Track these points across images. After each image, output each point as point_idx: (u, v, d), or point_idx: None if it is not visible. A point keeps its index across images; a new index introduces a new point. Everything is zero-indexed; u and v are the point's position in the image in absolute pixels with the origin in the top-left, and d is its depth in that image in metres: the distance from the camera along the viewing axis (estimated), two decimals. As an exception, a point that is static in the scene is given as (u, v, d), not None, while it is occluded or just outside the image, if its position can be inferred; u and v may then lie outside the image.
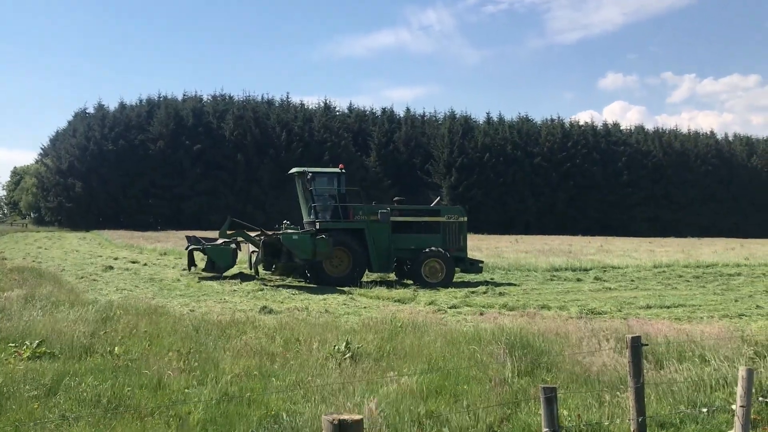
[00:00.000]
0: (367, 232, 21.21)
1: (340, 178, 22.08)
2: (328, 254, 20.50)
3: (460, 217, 22.43)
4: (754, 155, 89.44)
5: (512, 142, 77.79)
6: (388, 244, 21.37)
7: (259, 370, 7.80)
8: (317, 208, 21.74)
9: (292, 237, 20.33)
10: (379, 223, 21.38)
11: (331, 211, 21.79)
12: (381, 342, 9.26)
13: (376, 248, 21.21)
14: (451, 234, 22.04)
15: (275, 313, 13.18)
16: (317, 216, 21.68)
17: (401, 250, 21.54)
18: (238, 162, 68.34)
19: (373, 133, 77.25)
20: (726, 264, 28.38)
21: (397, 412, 6.31)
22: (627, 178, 78.34)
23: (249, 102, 77.81)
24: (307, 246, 19.89)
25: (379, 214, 21.48)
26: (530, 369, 8.24)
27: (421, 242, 21.46)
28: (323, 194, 22.11)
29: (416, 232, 21.85)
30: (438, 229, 21.96)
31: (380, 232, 21.36)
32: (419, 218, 22.40)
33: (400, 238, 21.59)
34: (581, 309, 15.14)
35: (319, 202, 21.87)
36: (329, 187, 22.18)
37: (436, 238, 21.74)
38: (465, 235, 22.41)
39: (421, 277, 20.86)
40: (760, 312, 15.06)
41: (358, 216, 21.48)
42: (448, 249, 21.54)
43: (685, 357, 8.53)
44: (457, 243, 22.07)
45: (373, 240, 21.21)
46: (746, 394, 4.76)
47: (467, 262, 22.37)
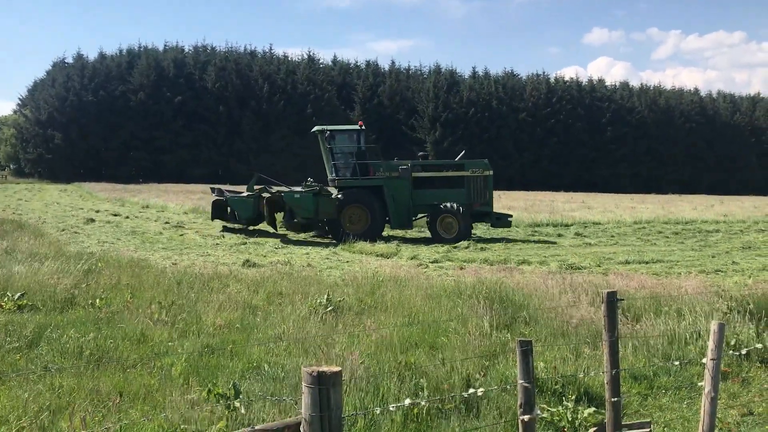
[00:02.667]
0: (386, 188, 21.19)
1: (359, 135, 22.11)
2: (332, 213, 20.65)
3: (485, 171, 21.97)
4: (737, 113, 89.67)
5: (497, 98, 77.35)
6: (409, 200, 21.31)
7: (241, 323, 7.88)
8: (337, 166, 21.83)
9: (294, 196, 20.49)
10: (399, 179, 21.31)
11: (352, 168, 21.81)
12: (362, 296, 9.36)
13: (395, 204, 21.21)
14: (476, 188, 21.71)
15: (258, 266, 13.25)
16: (337, 173, 21.80)
17: (423, 206, 21.48)
18: (220, 114, 67.49)
19: (358, 86, 76.41)
20: (705, 221, 28.77)
21: (377, 363, 6.42)
22: (611, 135, 78.41)
23: (231, 53, 76.43)
24: (309, 205, 20.00)
25: (400, 169, 21.41)
26: (509, 322, 8.38)
27: (444, 197, 21.24)
28: (343, 151, 22.06)
29: (439, 187, 21.63)
30: (462, 184, 21.64)
31: (400, 189, 21.30)
32: (442, 173, 22.11)
33: (423, 193, 21.48)
34: (561, 264, 15.37)
35: (340, 159, 21.91)
36: (349, 144, 22.12)
37: (460, 192, 21.46)
38: (491, 189, 22.06)
39: (436, 232, 20.90)
40: (735, 268, 15.35)
41: (379, 173, 21.45)
42: (472, 204, 21.38)
43: (662, 311, 8.70)
44: (482, 197, 21.76)
45: (392, 196, 21.16)
46: (717, 347, 4.87)
47: (493, 216, 22.16)
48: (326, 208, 20.21)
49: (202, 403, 5.25)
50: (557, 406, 5.75)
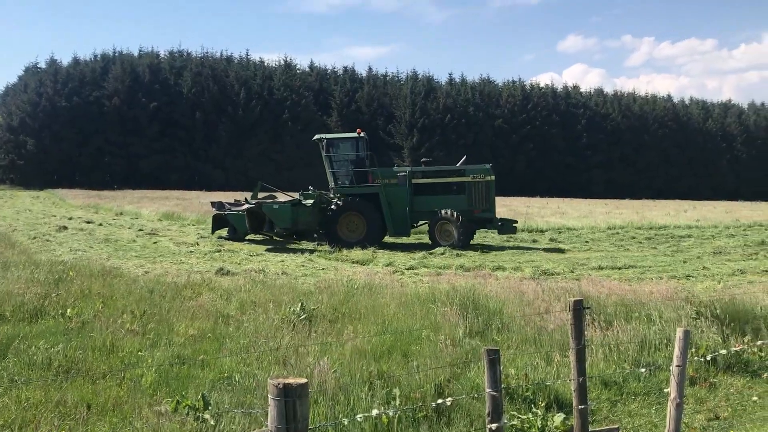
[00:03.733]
0: (382, 196, 21.13)
1: (358, 142, 22.03)
2: (312, 224, 20.86)
3: (486, 176, 21.51)
4: (709, 119, 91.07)
5: (474, 104, 77.81)
6: (408, 207, 21.19)
7: (214, 333, 7.83)
8: (336, 174, 21.92)
9: (272, 207, 20.68)
10: (397, 186, 21.25)
11: (351, 176, 21.82)
12: (336, 304, 9.34)
13: (393, 212, 21.14)
14: (477, 194, 21.33)
15: (232, 274, 13.17)
16: (336, 182, 21.89)
17: (424, 212, 21.34)
18: (196, 120, 67.12)
19: (335, 92, 76.42)
20: (677, 226, 29.14)
21: (349, 372, 6.41)
22: (586, 141, 79.22)
23: (207, 59, 76.11)
24: (287, 215, 20.20)
25: (398, 177, 21.35)
26: (482, 329, 8.42)
27: (445, 204, 21.04)
28: (342, 159, 22.11)
29: (440, 193, 21.47)
30: (463, 190, 21.37)
31: (398, 195, 21.23)
32: (443, 179, 21.81)
33: (423, 200, 21.38)
34: (535, 270, 15.46)
35: (338, 167, 21.96)
36: (348, 152, 22.13)
37: (461, 199, 21.24)
38: (492, 195, 21.57)
39: (435, 239, 20.78)
40: (706, 273, 15.56)
41: (377, 180, 21.39)
42: (472, 210, 21.11)
43: (632, 317, 8.80)
44: (483, 203, 21.36)
45: (389, 203, 21.11)
46: (682, 354, 4.95)
47: (496, 221, 21.70)
48: (305, 219, 20.46)
49: (171, 414, 5.21)
50: (527, 413, 5.79)
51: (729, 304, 8.95)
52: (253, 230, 21.00)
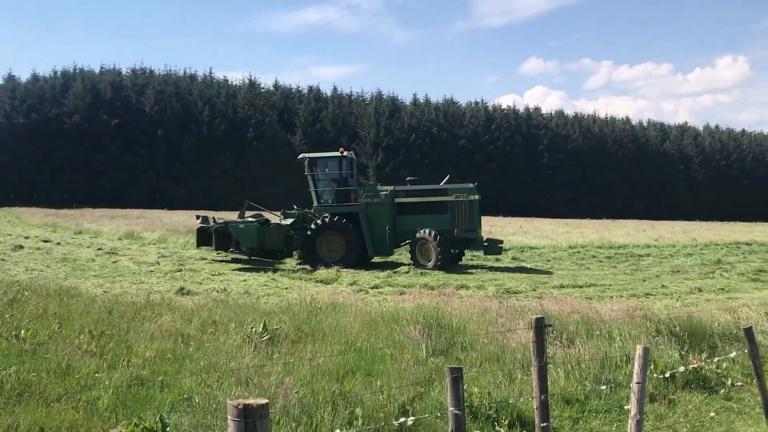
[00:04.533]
0: (362, 215, 20.94)
1: (341, 161, 21.86)
2: (279, 244, 20.69)
3: (470, 195, 21.09)
4: (666, 141, 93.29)
5: (438, 124, 78.52)
6: (390, 226, 20.94)
7: (173, 353, 7.68)
8: (319, 193, 21.83)
9: (238, 226, 20.52)
10: (378, 205, 21.05)
11: (333, 194, 21.68)
12: (300, 323, 9.26)
13: (373, 231, 20.94)
14: (460, 213, 20.90)
15: (193, 294, 12.98)
16: (319, 200, 21.78)
17: (407, 231, 20.96)
18: (159, 138, 66.43)
19: (299, 111, 76.40)
20: (637, 245, 29.64)
21: (312, 392, 6.35)
22: (547, 161, 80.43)
23: (170, 76, 75.53)
24: (252, 235, 20.11)
25: (380, 196, 21.16)
26: (446, 348, 8.42)
27: (427, 223, 20.68)
28: (325, 178, 21.97)
29: (422, 212, 21.13)
30: (445, 209, 21.01)
31: (379, 215, 21.02)
32: (426, 198, 21.46)
33: (406, 219, 21.09)
34: (498, 288, 15.57)
35: (321, 186, 21.85)
36: (330, 171, 21.98)
37: (443, 218, 20.88)
38: (476, 214, 21.06)
39: (416, 259, 20.48)
40: (665, 291, 15.83)
41: (361, 198, 21.22)
42: (455, 229, 20.71)
43: (594, 335, 8.89)
44: (466, 223, 20.87)
45: (371, 223, 20.93)
46: (642, 371, 5.01)
47: (480, 241, 21.21)
48: (271, 239, 20.39)
49: (128, 437, 5.08)
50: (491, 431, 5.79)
51: (687, 321, 9.12)
52: (219, 249, 20.81)
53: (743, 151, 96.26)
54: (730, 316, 10.12)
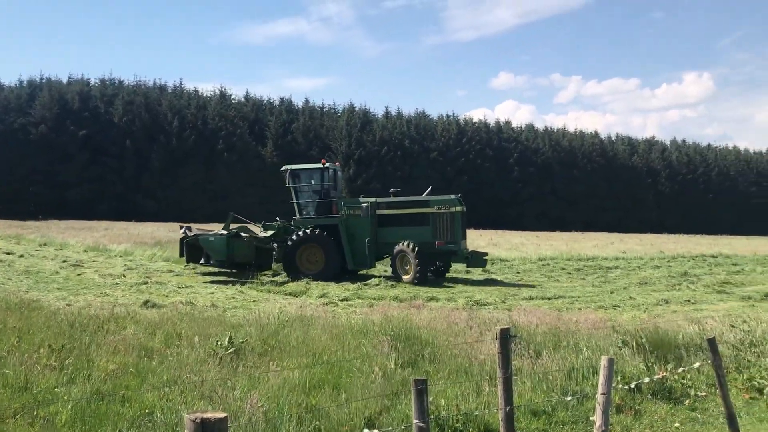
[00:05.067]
0: (342, 227, 20.72)
1: (323, 173, 21.67)
2: (249, 256, 20.48)
3: (452, 207, 20.60)
4: (635, 154, 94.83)
5: (409, 137, 78.86)
6: (371, 239, 20.65)
7: (136, 367, 7.51)
8: (300, 205, 21.67)
9: (208, 239, 20.31)
10: (358, 217, 20.81)
11: (315, 206, 21.48)
12: (266, 336, 9.14)
13: (354, 243, 20.69)
14: (442, 226, 20.45)
15: (158, 307, 12.76)
16: (301, 212, 21.58)
17: (389, 244, 20.57)
18: (127, 149, 65.67)
19: (270, 123, 76.17)
20: (605, 257, 29.98)
21: (277, 406, 6.25)
22: (518, 175, 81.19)
23: (140, 87, 74.91)
24: (222, 248, 19.92)
25: (361, 207, 20.89)
26: (414, 360, 8.37)
27: (409, 235, 20.32)
28: (306, 190, 21.81)
29: (404, 224, 20.73)
30: (427, 221, 20.59)
31: (360, 227, 20.75)
32: (407, 210, 21.05)
33: (388, 231, 20.76)
34: (468, 300, 15.59)
35: (302, 198, 21.69)
36: (312, 183, 21.82)
37: (425, 230, 20.47)
38: (458, 227, 20.47)
39: (396, 272, 20.26)
40: (632, 303, 16.00)
41: (342, 210, 21.00)
42: (436, 242, 20.30)
43: (561, 346, 8.91)
44: (448, 235, 20.39)
45: (352, 235, 20.68)
46: (607, 382, 5.01)
47: (462, 254, 20.62)
48: (241, 252, 20.23)
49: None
50: (457, 444, 5.74)
51: (653, 333, 9.19)
52: (190, 261, 20.73)
53: (709, 166, 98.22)
54: (695, 328, 10.23)
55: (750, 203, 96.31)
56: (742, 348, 9.23)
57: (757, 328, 9.88)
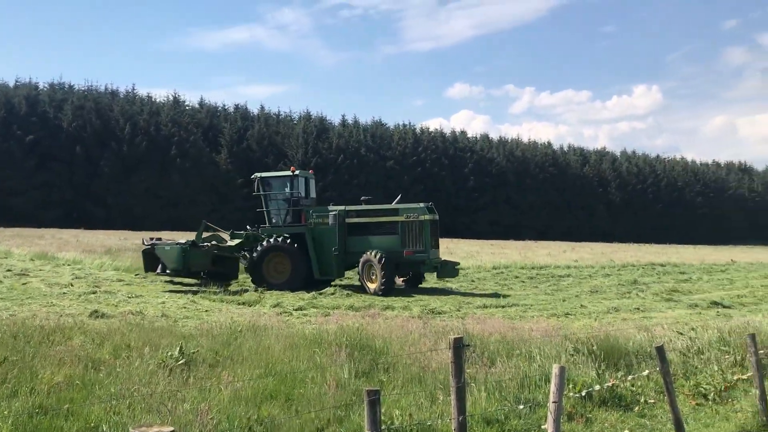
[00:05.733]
0: (308, 236, 20.39)
1: (293, 180, 21.35)
2: (206, 266, 20.20)
3: (421, 216, 20.13)
4: (586, 165, 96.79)
5: (366, 145, 78.97)
6: (339, 248, 20.25)
7: (82, 380, 7.29)
8: (270, 213, 21.38)
9: (164, 248, 20.06)
10: (325, 226, 20.44)
11: (284, 214, 21.18)
12: (218, 347, 8.98)
13: (321, 252, 20.32)
14: (411, 234, 20.01)
15: (107, 317, 12.43)
16: (270, 221, 21.25)
17: (358, 253, 20.11)
18: (77, 155, 64.13)
19: (225, 129, 75.37)
20: (558, 266, 30.43)
21: (228, 418, 6.13)
22: (473, 184, 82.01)
23: (90, 92, 73.34)
24: (177, 258, 19.65)
25: (330, 216, 20.52)
26: (368, 370, 8.32)
27: (378, 244, 20.01)
28: (277, 198, 21.50)
29: (373, 233, 20.39)
30: (396, 230, 20.21)
31: (327, 236, 20.37)
32: (377, 218, 20.67)
33: (357, 240, 20.37)
34: (423, 309, 15.62)
35: (272, 206, 21.39)
36: (283, 191, 21.50)
37: (394, 239, 20.12)
38: (428, 236, 19.99)
39: (363, 281, 19.89)
40: (583, 311, 16.24)
41: (311, 219, 20.65)
42: (405, 251, 19.87)
43: (514, 354, 8.97)
44: (417, 244, 19.95)
45: (319, 244, 20.32)
46: (558, 390, 5.06)
47: (431, 264, 20.10)
48: (197, 261, 19.93)
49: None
50: (411, 454, 5.71)
51: (604, 340, 9.33)
52: (149, 271, 20.54)
53: (658, 176, 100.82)
54: (644, 335, 10.43)
55: (697, 213, 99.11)
56: (690, 355, 9.45)
57: (703, 335, 10.13)
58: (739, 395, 8.26)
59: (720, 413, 7.73)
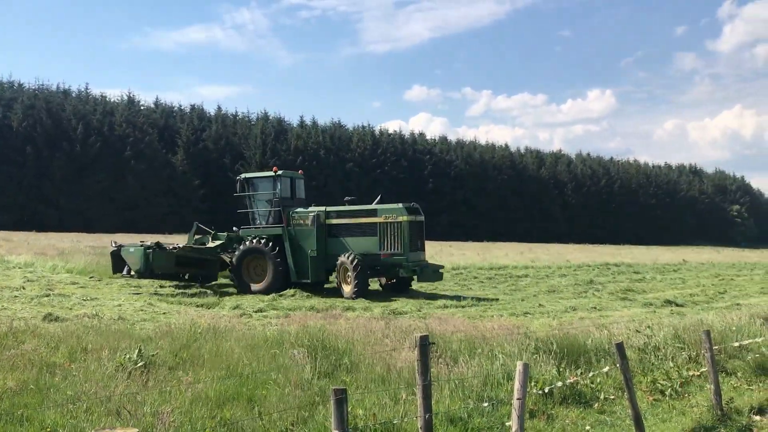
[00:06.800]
0: (285, 238, 19.93)
1: (275, 181, 20.82)
2: (168, 267, 19.92)
3: (399, 217, 19.35)
4: (542, 167, 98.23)
5: (325, 147, 78.73)
6: (317, 249, 19.69)
7: (37, 384, 7.08)
8: (253, 214, 21.06)
9: (129, 250, 20.06)
10: (304, 227, 19.95)
11: (266, 215, 20.82)
12: (177, 349, 8.82)
13: (299, 255, 19.82)
14: (390, 236, 19.29)
15: (61, 320, 12.11)
16: (254, 222, 20.96)
17: (337, 255, 19.48)
18: (27, 155, 62.44)
19: (181, 130, 74.33)
20: (516, 266, 30.79)
21: (189, 421, 6.02)
22: (432, 186, 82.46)
23: (42, 91, 71.54)
24: (139, 259, 19.63)
25: (309, 217, 20.00)
26: (331, 370, 8.27)
27: (358, 246, 19.43)
28: (261, 199, 21.10)
29: (353, 235, 19.78)
30: (375, 231, 19.52)
31: (306, 237, 19.85)
32: (356, 219, 19.98)
33: (338, 242, 19.80)
34: (384, 309, 15.63)
35: (258, 206, 21.06)
36: (264, 192, 21.10)
37: (372, 241, 19.45)
38: (405, 238, 19.16)
39: (340, 284, 19.27)
40: (542, 310, 16.46)
41: (292, 220, 20.14)
42: (382, 253, 19.24)
43: (476, 353, 9.02)
44: (395, 246, 19.22)
45: (298, 246, 19.86)
46: (522, 387, 5.10)
47: (410, 267, 19.26)
48: (160, 263, 19.74)
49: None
50: (375, 454, 5.69)
51: (564, 338, 9.45)
52: (116, 272, 20.67)
53: (611, 178, 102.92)
54: (603, 333, 10.60)
55: (649, 214, 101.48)
56: (647, 352, 9.63)
57: (659, 332, 10.33)
58: (694, 390, 8.46)
59: (677, 408, 7.90)
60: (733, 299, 20.34)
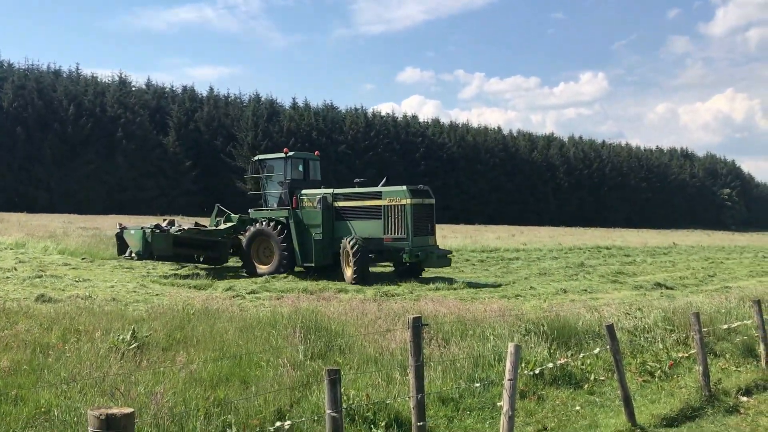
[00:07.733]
0: (291, 220, 19.66)
1: (287, 163, 20.48)
2: (167, 249, 19.65)
3: (403, 200, 18.76)
4: (534, 150, 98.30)
5: (317, 129, 78.47)
6: (322, 232, 19.35)
7: (30, 365, 7.11)
8: (265, 196, 20.97)
9: (130, 232, 20.09)
10: (311, 210, 19.67)
11: (277, 197, 20.66)
12: (171, 330, 8.86)
13: (305, 238, 19.51)
14: (393, 219, 18.77)
15: (54, 301, 12.11)
16: (266, 204, 20.90)
17: (342, 239, 18.98)
18: (18, 136, 61.98)
19: (173, 111, 73.89)
20: (507, 249, 30.92)
21: (184, 401, 6.07)
22: (424, 168, 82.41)
23: (32, 71, 70.86)
24: (139, 241, 19.54)
25: (317, 199, 19.69)
26: (324, 351, 8.33)
27: (364, 229, 19.06)
28: (274, 180, 20.95)
29: (358, 218, 19.37)
30: (379, 215, 19.04)
31: (312, 220, 19.57)
32: (362, 202, 19.50)
33: (344, 225, 19.45)
34: (376, 292, 15.71)
35: (267, 189, 21.00)
36: (276, 174, 20.91)
37: (377, 224, 18.98)
38: (409, 221, 18.58)
39: (342, 269, 18.91)
40: (533, 293, 16.58)
41: (301, 202, 19.88)
42: (384, 237, 18.78)
43: (468, 334, 9.11)
44: (398, 230, 18.70)
45: (305, 228, 19.56)
46: (513, 368, 5.17)
47: (413, 252, 18.51)
48: (158, 245, 19.52)
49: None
50: (368, 433, 5.76)
51: (555, 320, 9.56)
52: (121, 254, 21.00)
53: (603, 161, 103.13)
54: (594, 315, 10.71)
55: (640, 198, 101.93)
56: (637, 334, 9.75)
57: (649, 315, 10.45)
58: (683, 372, 8.57)
59: (665, 389, 8.01)
60: (722, 282, 20.52)
